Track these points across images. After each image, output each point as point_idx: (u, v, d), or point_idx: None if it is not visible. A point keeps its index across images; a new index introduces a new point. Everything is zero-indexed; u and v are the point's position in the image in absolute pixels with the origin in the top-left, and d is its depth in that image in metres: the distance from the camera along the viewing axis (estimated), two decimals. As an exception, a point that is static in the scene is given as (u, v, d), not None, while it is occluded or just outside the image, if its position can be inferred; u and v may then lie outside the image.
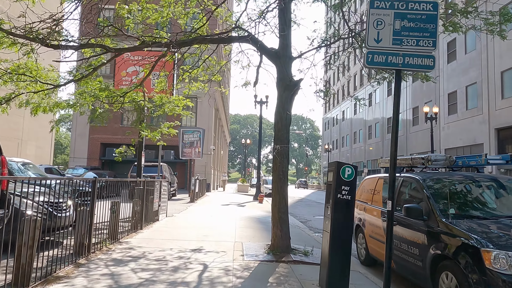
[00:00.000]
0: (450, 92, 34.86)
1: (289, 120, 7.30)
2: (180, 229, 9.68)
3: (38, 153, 45.46)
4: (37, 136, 44.41)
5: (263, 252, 6.99)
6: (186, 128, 25.99)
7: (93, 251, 6.26)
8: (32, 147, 43.81)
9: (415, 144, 40.92)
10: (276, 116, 7.31)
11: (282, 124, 7.21)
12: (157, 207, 10.97)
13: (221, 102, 44.92)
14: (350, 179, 4.92)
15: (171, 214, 13.18)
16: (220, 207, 17.40)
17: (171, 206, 16.73)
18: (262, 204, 22.00)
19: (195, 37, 7.43)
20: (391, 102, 47.92)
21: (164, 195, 11.89)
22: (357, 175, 5.23)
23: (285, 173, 7.15)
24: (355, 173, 5.00)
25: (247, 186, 40.45)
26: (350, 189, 4.90)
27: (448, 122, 34.89)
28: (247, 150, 79.37)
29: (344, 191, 4.86)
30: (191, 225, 10.66)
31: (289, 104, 7.30)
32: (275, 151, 7.12)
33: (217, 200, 22.93)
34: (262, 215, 15.28)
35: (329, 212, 5.04)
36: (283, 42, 7.49)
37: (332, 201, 4.91)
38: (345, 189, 4.87)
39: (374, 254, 6.91)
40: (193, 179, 20.16)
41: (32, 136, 42.94)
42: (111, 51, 7.15)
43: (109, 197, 7.83)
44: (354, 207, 5.03)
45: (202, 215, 13.55)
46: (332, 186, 4.99)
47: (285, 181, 7.15)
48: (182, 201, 20.27)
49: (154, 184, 10.54)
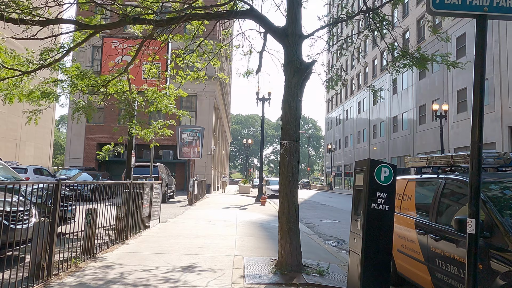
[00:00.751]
0: (459, 89, 33.52)
1: (299, 110, 6.05)
2: (172, 239, 8.43)
3: (37, 154, 44.38)
4: (36, 136, 43.32)
5: (269, 271, 5.72)
6: (185, 126, 24.76)
7: (56, 272, 5.01)
8: (30, 148, 42.71)
9: (422, 143, 39.58)
10: (283, 106, 6.06)
11: (290, 115, 5.96)
12: (147, 213, 9.73)
13: (222, 101, 43.68)
14: (388, 182, 3.67)
15: (165, 220, 11.93)
16: (219, 211, 16.15)
17: (167, 210, 15.49)
18: (265, 206, 20.74)
19: (187, 12, 6.18)
20: (396, 100, 46.63)
21: (156, 199, 10.64)
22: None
23: (294, 174, 5.89)
24: (394, 175, 3.74)
25: (249, 187, 39.19)
26: (388, 196, 3.64)
27: (458, 121, 33.54)
28: (248, 151, 78.15)
29: (380, 199, 3.60)
30: (186, 233, 9.41)
31: (299, 91, 6.04)
32: (283, 147, 5.87)
33: (217, 202, 21.67)
34: (266, 220, 14.03)
35: (358, 226, 3.78)
36: (291, 17, 6.23)
37: (364, 213, 3.65)
38: (381, 197, 3.61)
39: (404, 273, 5.64)
40: (191, 181, 18.90)
41: (30, 137, 41.87)
42: (85, 28, 5.92)
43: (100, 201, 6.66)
44: (393, 220, 3.76)
45: (200, 220, 12.30)
46: (362, 192, 3.73)
47: (295, 184, 5.89)
48: (180, 204, 19.03)
49: (144, 186, 9.30)
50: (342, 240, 10.75)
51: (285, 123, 5.98)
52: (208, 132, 32.86)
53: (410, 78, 42.86)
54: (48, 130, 46.73)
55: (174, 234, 9.07)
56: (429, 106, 38.71)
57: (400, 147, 44.82)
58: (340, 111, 67.99)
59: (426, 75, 39.42)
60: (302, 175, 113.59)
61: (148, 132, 10.03)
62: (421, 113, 40.42)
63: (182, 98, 35.06)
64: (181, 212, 14.72)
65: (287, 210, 5.79)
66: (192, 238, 8.56)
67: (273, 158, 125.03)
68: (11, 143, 38.89)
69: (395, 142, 46.43)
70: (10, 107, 35.73)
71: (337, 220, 15.71)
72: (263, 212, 17.03)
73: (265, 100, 25.10)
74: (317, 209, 21.65)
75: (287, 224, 5.74)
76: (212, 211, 16.00)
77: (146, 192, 9.47)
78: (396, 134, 46.30)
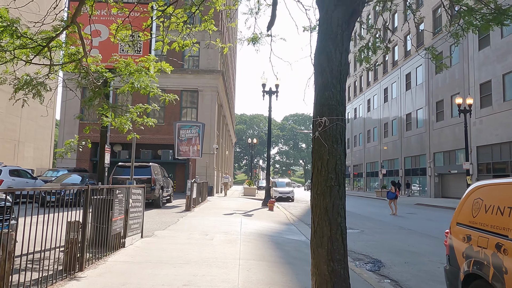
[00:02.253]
0: (482, 82, 30.80)
1: (345, 67, 3.57)
2: (149, 268, 5.97)
3: (36, 155, 42.21)
4: (36, 137, 41.21)
5: None
6: (183, 122, 22.32)
7: None
8: (30, 149, 40.55)
9: (439, 142, 36.84)
10: (318, 61, 3.58)
11: (331, 75, 3.48)
12: (121, 227, 7.28)
13: (225, 98, 41.24)
14: None
15: (151, 233, 9.49)
16: (221, 218, 13.69)
17: (158, 218, 13.05)
18: (273, 211, 18.26)
19: None
20: (410, 96, 43.89)
21: (137, 207, 8.21)
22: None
23: (339, 175, 3.40)
24: None
25: (254, 189, 36.68)
26: None
27: (481, 116, 30.83)
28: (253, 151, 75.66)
29: None
30: (172, 255, 6.95)
31: (345, 34, 3.56)
32: (321, 129, 3.39)
33: (219, 207, 19.20)
34: (276, 230, 11.56)
35: None
36: None
37: None
38: None
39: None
40: (189, 183, 16.43)
41: (30, 138, 39.82)
42: None
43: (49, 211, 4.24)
44: None
45: (195, 232, 9.85)
46: None
47: (341, 192, 3.41)
48: (176, 210, 16.59)
49: (114, 192, 6.85)
50: (378, 261, 8.25)
51: (321, 88, 3.50)
52: (210, 129, 30.41)
53: (425, 72, 40.15)
54: (49, 131, 44.69)
55: (154, 259, 6.61)
56: (447, 101, 36.00)
57: (415, 146, 42.08)
58: (348, 110, 65.28)
59: (443, 68, 36.64)
60: (308, 176, 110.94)
61: (124, 120, 7.55)
62: (438, 109, 37.68)
63: (182, 94, 32.81)
64: (175, 221, 12.27)
65: (328, 238, 3.29)
66: (178, 266, 6.09)
67: (278, 158, 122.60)
68: (9, 144, 36.95)
69: (408, 140, 43.71)
70: (9, 107, 33.68)
71: (359, 228, 13.22)
72: (271, 219, 14.57)
73: (272, 93, 22.65)
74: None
75: (329, 264, 3.25)
76: (212, 218, 13.54)
77: (119, 200, 7.02)
78: (410, 132, 43.58)
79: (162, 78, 32.66)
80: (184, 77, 31.53)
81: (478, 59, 31.44)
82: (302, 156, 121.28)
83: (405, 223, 15.42)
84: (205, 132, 24.80)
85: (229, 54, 50.21)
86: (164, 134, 31.03)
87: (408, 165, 44.21)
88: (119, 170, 17.11)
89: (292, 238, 10.30)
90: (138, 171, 16.79)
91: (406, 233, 12.46)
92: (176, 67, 35.88)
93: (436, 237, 11.51)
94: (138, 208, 8.33)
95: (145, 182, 16.32)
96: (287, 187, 31.18)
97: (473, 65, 32.16)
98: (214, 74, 31.99)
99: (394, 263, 8.03)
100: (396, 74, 46.32)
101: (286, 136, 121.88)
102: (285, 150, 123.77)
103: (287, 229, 12.25)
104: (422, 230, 13.18)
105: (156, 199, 17.24)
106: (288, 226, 12.94)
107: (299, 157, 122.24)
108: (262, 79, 22.54)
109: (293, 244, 9.17)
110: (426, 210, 23.05)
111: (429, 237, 11.62)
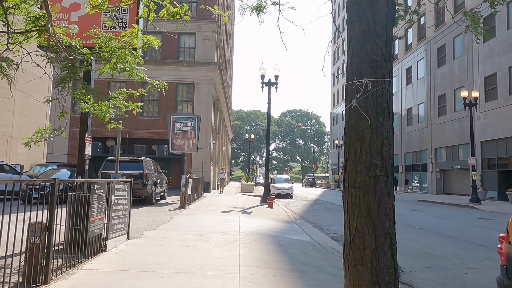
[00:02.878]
0: (487, 75, 29.86)
1: (392, 10, 2.56)
2: (130, 278, 4.95)
3: (30, 151, 40.63)
4: (29, 133, 39.83)
5: None
6: (178, 114, 21.26)
7: None
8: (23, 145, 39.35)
9: (442, 137, 35.91)
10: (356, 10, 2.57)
11: (375, 17, 2.47)
12: (101, 228, 6.26)
13: (222, 92, 40.14)
14: None
15: (140, 233, 8.48)
16: (217, 216, 12.69)
17: (149, 216, 12.04)
18: (273, 208, 17.30)
19: None
20: (410, 91, 42.94)
21: (122, 205, 7.18)
22: None
23: (386, 160, 2.40)
24: None
25: (252, 185, 35.73)
26: None
27: (485, 110, 29.92)
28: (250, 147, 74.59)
29: None
30: (160, 261, 5.94)
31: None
32: (360, 95, 2.38)
33: (216, 204, 18.20)
34: (278, 229, 10.58)
35: None
36: None
37: None
38: None
39: None
40: (183, 178, 15.39)
41: (23, 133, 38.58)
42: None
43: None
44: None
45: (188, 233, 8.84)
46: None
47: (388, 186, 2.40)
48: (170, 207, 15.57)
49: (92, 188, 5.82)
50: (395, 265, 7.24)
51: (359, 39, 2.49)
52: (206, 123, 29.37)
53: (427, 66, 39.19)
54: (42, 126, 43.49)
55: (139, 266, 5.59)
56: (450, 95, 35.08)
57: (416, 141, 41.16)
58: (347, 105, 64.25)
59: (446, 62, 35.76)
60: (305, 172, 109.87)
61: (104, 106, 6.47)
62: (441, 104, 36.73)
63: (177, 87, 31.68)
64: (167, 220, 11.26)
65: (372, 252, 2.29)
66: (166, 276, 5.08)
67: (275, 155, 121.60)
68: (1, 139, 35.88)
69: (409, 136, 42.79)
70: (1, 102, 32.47)
71: (367, 228, 12.22)
72: (272, 217, 13.60)
73: (271, 85, 21.62)
74: (334, 211, 18.18)
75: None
76: (208, 216, 12.54)
77: (98, 197, 5.99)
78: (410, 127, 42.65)
79: (156, 70, 31.44)
80: (179, 69, 30.41)
81: (483, 51, 30.50)
82: (299, 152, 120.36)
83: (414, 221, 14.47)
84: (202, 126, 23.76)
85: (226, 48, 49.01)
86: (159, 128, 29.95)
87: (409, 161, 43.34)
88: (109, 164, 16.05)
89: (296, 238, 9.33)
90: (129, 166, 15.76)
91: (418, 232, 11.50)
92: (171, 58, 34.51)
93: (451, 237, 10.58)
94: (124, 206, 7.31)
95: (137, 178, 15.29)
96: (285, 183, 30.14)
97: (477, 58, 31.23)
98: (211, 66, 30.87)
99: (414, 268, 7.06)
100: (396, 68, 45.33)
101: (284, 133, 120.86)
102: (283, 146, 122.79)
103: (289, 228, 11.27)
104: (434, 229, 12.24)
105: (149, 196, 16.20)
106: (290, 225, 11.97)
107: (296, 153, 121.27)
108: (261, 70, 21.49)
109: (299, 246, 8.19)
110: (430, 207, 22.16)
111: (444, 237, 10.68)
